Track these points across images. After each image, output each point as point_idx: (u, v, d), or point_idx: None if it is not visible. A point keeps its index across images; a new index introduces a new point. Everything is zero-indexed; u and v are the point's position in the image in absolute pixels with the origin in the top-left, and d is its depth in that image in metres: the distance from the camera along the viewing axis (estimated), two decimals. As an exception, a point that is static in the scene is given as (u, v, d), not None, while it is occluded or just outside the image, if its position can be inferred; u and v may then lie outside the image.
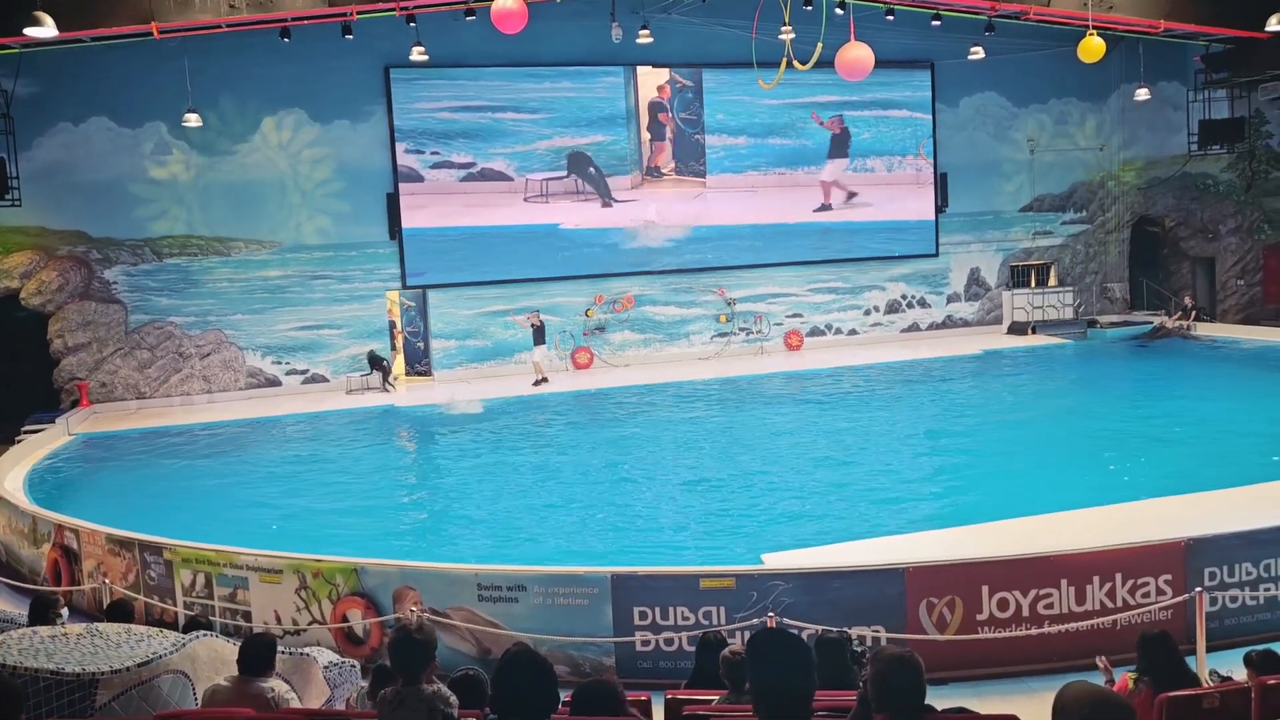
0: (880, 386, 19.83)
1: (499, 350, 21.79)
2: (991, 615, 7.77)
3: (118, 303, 19.65)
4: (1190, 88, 24.33)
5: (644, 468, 14.44)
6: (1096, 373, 20.90)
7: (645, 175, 22.52)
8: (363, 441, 17.14)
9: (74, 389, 19.35)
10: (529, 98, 21.63)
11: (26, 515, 11.28)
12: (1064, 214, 25.80)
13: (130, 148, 19.52)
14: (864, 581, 7.89)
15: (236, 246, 20.27)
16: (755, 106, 22.79)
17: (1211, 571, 7.94)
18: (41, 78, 18.58)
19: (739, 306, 23.28)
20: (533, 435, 16.90)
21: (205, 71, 19.27)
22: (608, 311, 22.43)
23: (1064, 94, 25.27)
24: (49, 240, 19.15)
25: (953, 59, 23.16)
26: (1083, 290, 25.86)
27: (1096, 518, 10.21)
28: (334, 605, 8.61)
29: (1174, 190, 25.56)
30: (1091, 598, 7.81)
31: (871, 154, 24.00)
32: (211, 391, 20.15)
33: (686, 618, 7.87)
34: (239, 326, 20.32)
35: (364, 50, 19.98)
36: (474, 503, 13.18)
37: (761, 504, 12.26)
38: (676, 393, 19.64)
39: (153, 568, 9.57)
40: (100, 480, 14.97)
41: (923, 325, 24.75)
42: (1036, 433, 15.56)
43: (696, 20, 21.07)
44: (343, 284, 20.88)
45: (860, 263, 24.10)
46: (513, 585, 8.16)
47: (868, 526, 10.85)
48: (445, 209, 21.27)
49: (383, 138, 20.91)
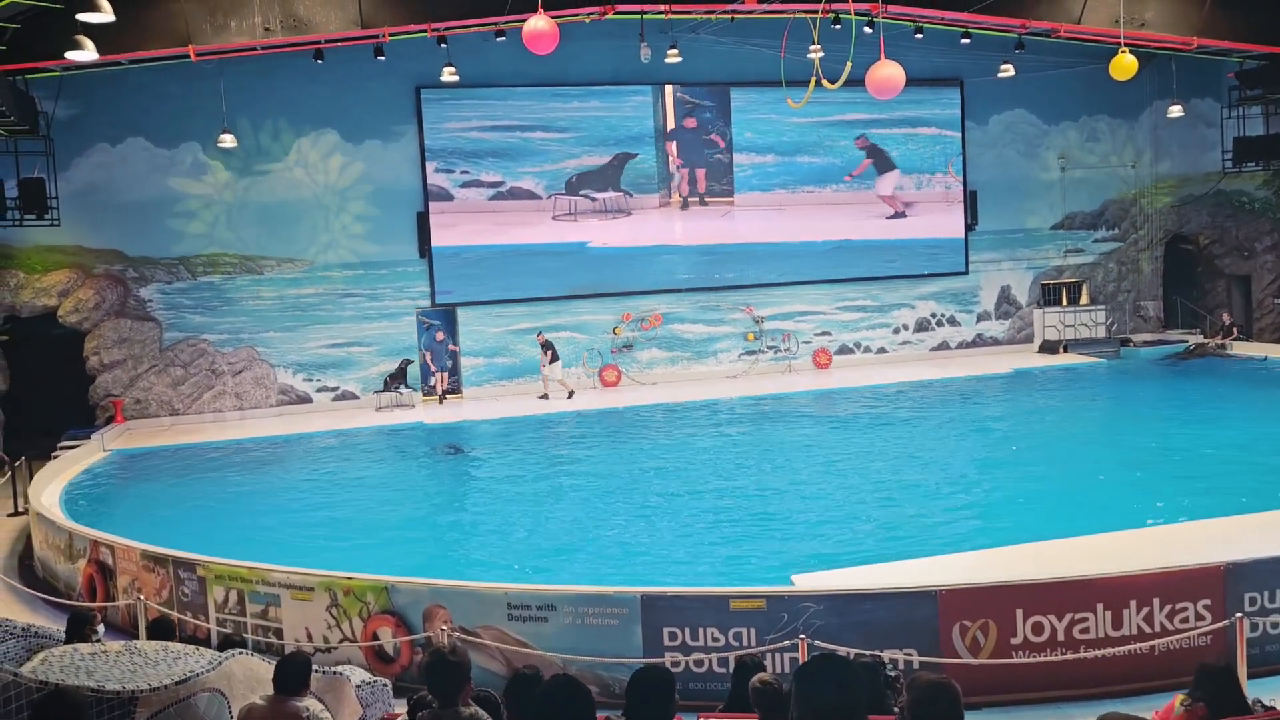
0: (910, 406, 19.70)
1: (527, 368, 21.87)
2: (1026, 639, 7.67)
3: (152, 320, 19.91)
4: (1224, 104, 24.10)
5: (673, 487, 14.41)
6: (1131, 392, 20.65)
7: (682, 199, 22.61)
8: (392, 459, 17.24)
9: (109, 405, 19.60)
10: (558, 117, 21.79)
11: (63, 531, 11.42)
12: (1096, 232, 25.59)
13: (166, 168, 19.84)
14: (896, 604, 7.81)
15: (269, 265, 20.51)
16: (783, 125, 22.81)
17: (1252, 596, 7.80)
18: (81, 100, 18.94)
19: (767, 325, 23.25)
20: (560, 453, 16.92)
21: (240, 93, 19.58)
22: (635, 329, 22.47)
23: (1095, 111, 25.11)
24: (86, 259, 19.46)
25: (982, 77, 23.08)
26: (1115, 309, 25.61)
27: (1133, 540, 10.07)
28: (365, 623, 8.65)
29: (1208, 207, 25.29)
30: (1129, 622, 7.69)
31: (900, 172, 23.95)
32: (243, 408, 20.35)
33: (716, 639, 7.83)
34: (271, 344, 20.53)
35: (395, 71, 20.23)
36: (503, 520, 13.19)
37: (791, 524, 12.19)
38: (704, 411, 19.60)
39: (186, 584, 9.65)
40: (134, 496, 15.13)
41: (952, 344, 24.60)
42: (1070, 453, 15.38)
43: (725, 40, 21.14)
44: (373, 302, 21.07)
45: (889, 281, 24.01)
46: (543, 605, 8.16)
47: (899, 548, 10.75)
48: (474, 227, 21.43)
49: (413, 157, 21.11)
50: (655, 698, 3.41)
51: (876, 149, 23.78)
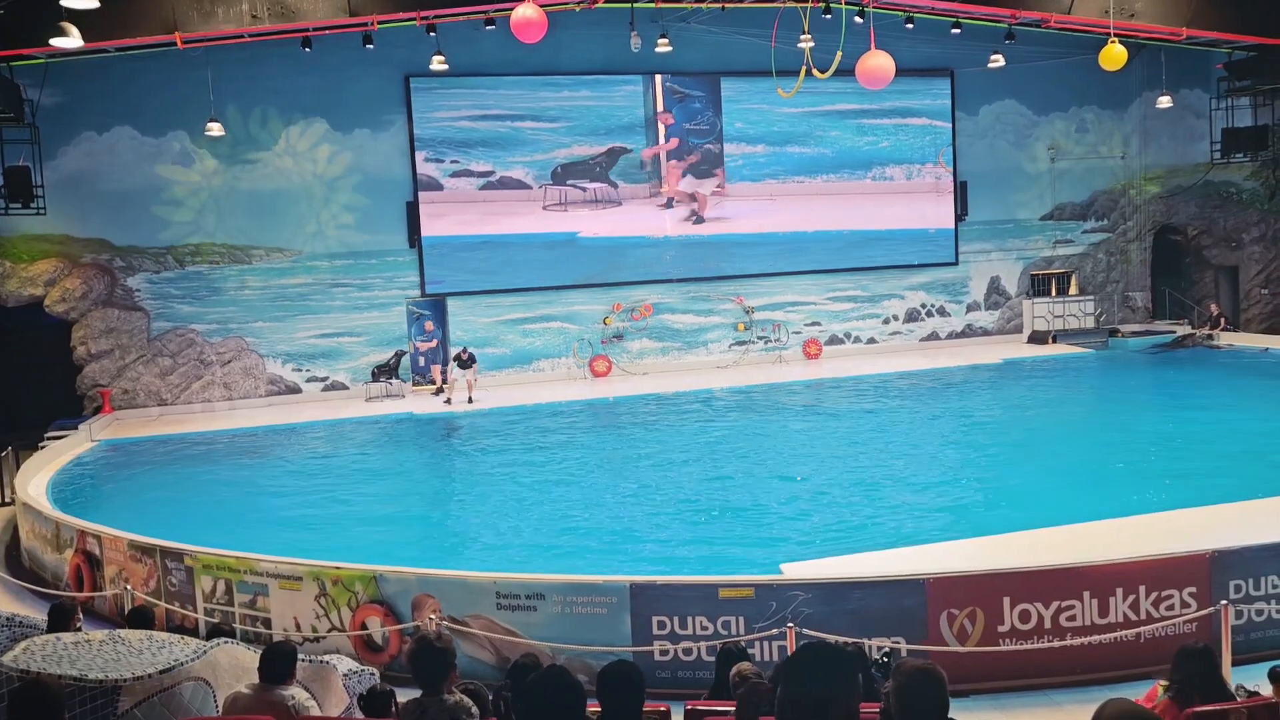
0: (900, 395, 19.74)
1: (517, 358, 21.84)
2: (1013, 627, 7.70)
3: (140, 310, 19.81)
4: (1213, 95, 24.17)
5: (662, 475, 14.41)
6: (1119, 382, 20.73)
7: (665, 194, 22.52)
8: (381, 449, 17.20)
9: (97, 396, 19.50)
10: (548, 106, 21.71)
11: (50, 521, 11.37)
12: (1085, 222, 25.64)
13: (153, 157, 19.70)
14: (884, 592, 7.83)
15: (258, 254, 20.42)
16: (774, 115, 22.78)
17: (1237, 584, 7.85)
18: (67, 88, 18.79)
19: (757, 315, 23.25)
20: (549, 443, 16.90)
21: (227, 81, 19.44)
22: (626, 319, 22.44)
23: (1085, 102, 25.13)
24: (73, 248, 19.33)
25: (973, 67, 23.08)
26: (1104, 299, 25.68)
27: (1119, 528, 10.11)
28: (353, 613, 8.63)
29: (1196, 199, 25.37)
30: (1115, 610, 7.73)
31: (891, 162, 23.94)
32: (232, 398, 20.27)
33: (705, 627, 7.84)
34: (260, 334, 20.44)
35: (384, 60, 20.11)
36: (492, 510, 13.18)
37: (780, 513, 12.21)
38: (695, 400, 19.61)
39: (174, 574, 9.62)
40: (122, 486, 15.06)
41: (942, 334, 24.64)
42: (1058, 442, 15.44)
43: (715, 29, 21.09)
44: (362, 292, 20.99)
45: (879, 271, 24.02)
46: (531, 594, 8.15)
47: (888, 536, 10.78)
48: (464, 217, 21.36)
49: (403, 146, 21.01)
50: (623, 694, 3.38)
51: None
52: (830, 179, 23.54)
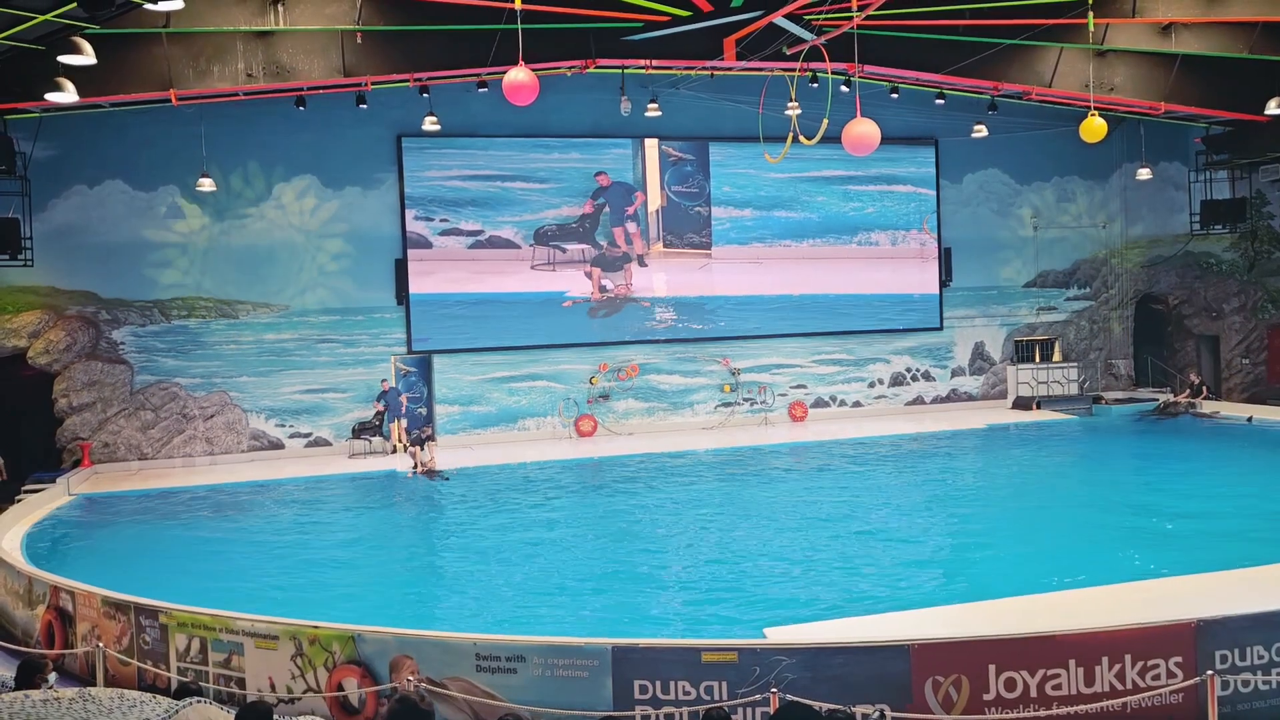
0: (884, 459, 19.72)
1: (503, 416, 21.78)
2: (999, 695, 7.61)
3: (124, 363, 19.71)
4: (1191, 168, 24.66)
5: (646, 537, 14.30)
6: (1103, 449, 20.77)
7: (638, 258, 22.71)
8: (363, 507, 17.03)
9: (76, 449, 19.31)
10: (538, 167, 21.95)
11: (22, 576, 11.15)
12: (1068, 290, 25.93)
13: (144, 211, 19.78)
14: (869, 658, 7.74)
15: (245, 309, 20.41)
16: (761, 180, 23.09)
17: (1223, 654, 7.79)
18: (60, 141, 18.92)
19: (743, 377, 23.30)
20: (533, 503, 16.77)
21: (220, 137, 19.62)
22: (612, 379, 22.45)
23: (1066, 172, 25.58)
24: (59, 300, 19.29)
25: (956, 136, 23.52)
26: (1087, 366, 25.87)
27: (1105, 597, 10.07)
28: (330, 673, 8.47)
29: (1177, 268, 25.72)
30: (1100, 679, 7.65)
31: (876, 228, 24.23)
32: (214, 453, 20.10)
33: (688, 692, 7.71)
34: (244, 389, 20.35)
35: (377, 119, 20.37)
36: (474, 571, 13.03)
37: (764, 577, 12.10)
38: (680, 462, 19.54)
39: (148, 631, 9.43)
40: (98, 542, 14.84)
41: (927, 398, 24.73)
42: (1043, 509, 15.42)
43: (704, 95, 21.47)
44: (348, 348, 20.97)
45: (865, 335, 24.18)
46: (511, 655, 8.02)
47: (872, 602, 10.69)
48: (453, 275, 21.46)
49: (393, 204, 21.17)
50: None
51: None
52: (816, 243, 23.80)
